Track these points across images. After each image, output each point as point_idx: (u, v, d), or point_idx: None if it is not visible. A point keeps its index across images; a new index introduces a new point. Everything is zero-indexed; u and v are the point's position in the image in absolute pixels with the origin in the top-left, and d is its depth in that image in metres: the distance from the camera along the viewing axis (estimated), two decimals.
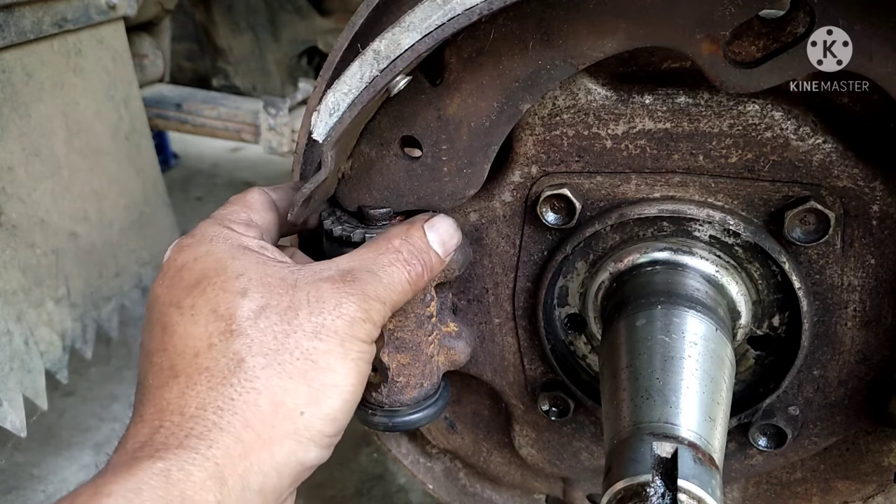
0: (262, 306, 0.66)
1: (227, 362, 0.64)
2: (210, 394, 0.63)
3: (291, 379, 0.64)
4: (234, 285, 0.67)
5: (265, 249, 0.73)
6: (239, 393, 0.63)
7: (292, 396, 0.64)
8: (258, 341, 0.65)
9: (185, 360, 0.65)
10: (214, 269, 0.69)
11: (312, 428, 0.64)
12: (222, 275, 0.68)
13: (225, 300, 0.66)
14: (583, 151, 0.82)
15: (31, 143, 1.76)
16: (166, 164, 4.13)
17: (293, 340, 0.65)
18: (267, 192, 0.82)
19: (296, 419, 0.63)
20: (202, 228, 0.74)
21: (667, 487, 0.62)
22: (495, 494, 1.19)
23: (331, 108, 0.67)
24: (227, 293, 0.67)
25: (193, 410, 0.62)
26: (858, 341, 0.84)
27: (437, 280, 0.88)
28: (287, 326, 0.66)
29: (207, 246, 0.71)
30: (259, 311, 0.66)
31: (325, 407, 0.65)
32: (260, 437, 0.62)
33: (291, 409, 0.63)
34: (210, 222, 0.75)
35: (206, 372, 0.64)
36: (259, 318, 0.66)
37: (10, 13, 1.65)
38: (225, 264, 0.69)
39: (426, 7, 0.63)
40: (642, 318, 0.81)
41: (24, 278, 1.70)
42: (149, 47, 2.71)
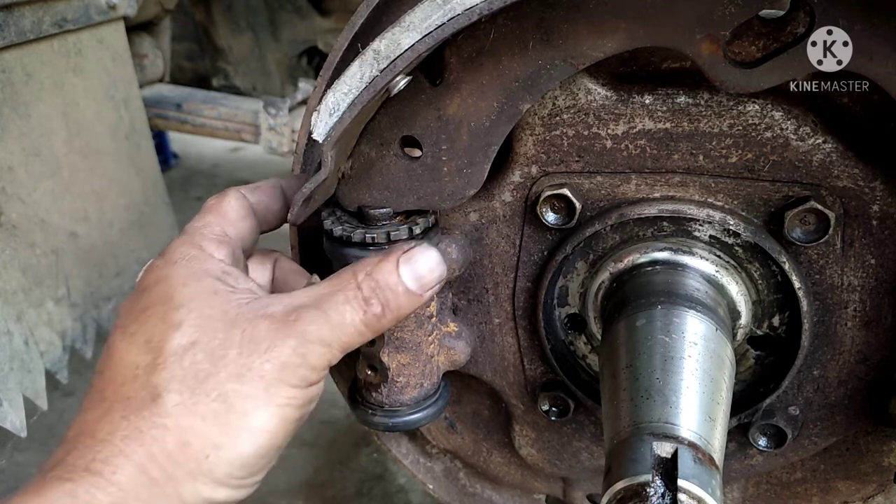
0: (193, 342, 0.66)
1: (145, 395, 0.64)
2: (122, 422, 0.63)
3: (203, 420, 0.63)
4: (172, 317, 0.67)
5: (227, 276, 0.72)
6: (148, 427, 0.63)
7: (199, 438, 0.63)
8: (178, 378, 0.64)
9: (112, 387, 0.66)
10: (162, 297, 0.69)
11: (218, 471, 0.64)
12: (166, 304, 0.68)
13: (160, 331, 0.67)
14: (583, 151, 0.82)
15: (31, 143, 1.76)
16: (166, 164, 4.13)
17: (213, 381, 0.64)
18: (245, 195, 0.80)
19: (200, 460, 0.63)
20: (172, 248, 0.74)
21: (667, 487, 0.62)
22: (495, 494, 1.19)
23: (331, 108, 0.67)
24: (164, 324, 0.67)
25: (104, 435, 0.62)
26: (858, 341, 0.84)
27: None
28: (211, 366, 0.65)
29: (169, 270, 0.71)
30: (189, 346, 0.66)
31: (233, 451, 0.64)
32: (164, 471, 0.62)
33: (197, 450, 0.63)
34: (181, 241, 0.75)
35: (125, 401, 0.64)
36: (186, 353, 0.65)
37: (10, 13, 1.65)
38: (172, 293, 0.69)
39: (426, 7, 0.63)
40: (642, 318, 0.81)
41: (24, 278, 1.70)
42: (149, 47, 2.71)
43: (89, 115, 1.96)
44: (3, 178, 1.67)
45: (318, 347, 0.68)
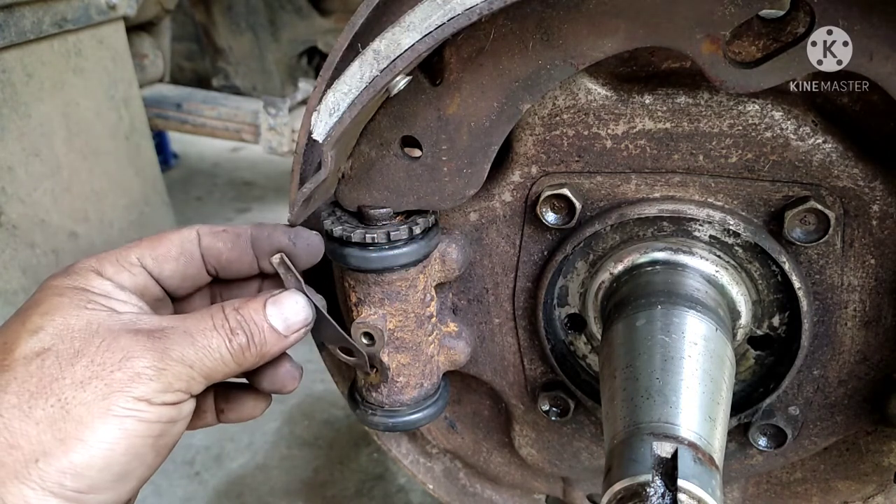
0: (47, 349, 0.65)
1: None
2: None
3: (37, 425, 0.62)
4: (33, 322, 0.67)
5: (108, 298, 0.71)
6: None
7: (30, 442, 0.62)
8: (20, 381, 0.64)
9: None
10: (33, 304, 0.69)
11: (47, 478, 0.62)
12: (32, 310, 0.68)
13: (16, 334, 0.66)
14: (583, 151, 0.82)
15: (31, 143, 1.76)
16: (166, 164, 4.13)
17: (56, 387, 0.64)
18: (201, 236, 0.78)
19: (29, 465, 0.61)
20: (76, 263, 0.75)
21: (667, 487, 0.62)
22: (495, 494, 1.19)
23: (331, 108, 0.67)
24: (22, 328, 0.67)
25: None
26: (858, 341, 0.84)
27: (437, 280, 0.88)
28: (58, 371, 0.64)
29: (58, 280, 0.72)
30: (40, 352, 0.65)
31: (64, 460, 0.62)
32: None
33: (27, 454, 0.62)
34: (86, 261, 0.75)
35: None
36: (35, 359, 0.65)
37: (10, 13, 1.66)
38: (43, 300, 0.69)
39: (426, 7, 0.63)
40: (642, 318, 0.81)
41: (24, 278, 1.70)
42: (149, 47, 2.71)
43: (89, 115, 1.96)
44: (3, 178, 1.67)
45: (179, 366, 0.68)
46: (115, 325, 0.68)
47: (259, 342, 0.72)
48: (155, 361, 0.66)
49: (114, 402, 0.64)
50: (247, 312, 0.72)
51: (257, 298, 0.74)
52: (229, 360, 0.71)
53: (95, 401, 0.64)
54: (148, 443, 0.66)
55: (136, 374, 0.65)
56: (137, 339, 0.66)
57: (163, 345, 0.67)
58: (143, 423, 0.65)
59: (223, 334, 0.70)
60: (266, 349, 0.73)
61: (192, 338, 0.69)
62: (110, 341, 0.66)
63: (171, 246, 0.77)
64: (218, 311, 0.72)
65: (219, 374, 0.71)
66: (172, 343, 0.68)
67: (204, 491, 1.92)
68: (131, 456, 0.65)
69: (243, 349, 0.71)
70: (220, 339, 0.70)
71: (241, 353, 0.71)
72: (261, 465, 2.00)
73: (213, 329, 0.70)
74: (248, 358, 0.72)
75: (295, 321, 0.74)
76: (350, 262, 0.79)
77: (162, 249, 0.77)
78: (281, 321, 0.73)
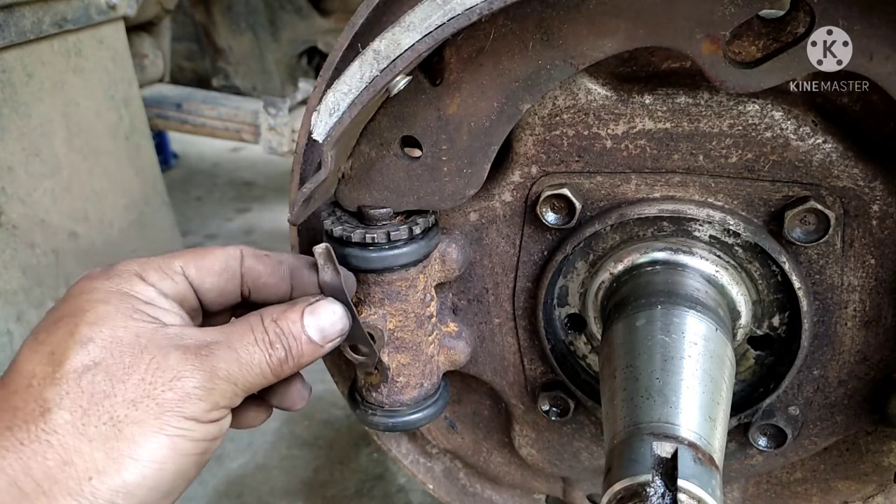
0: (97, 362, 0.65)
1: (35, 408, 0.63)
2: (4, 433, 0.62)
3: (90, 442, 0.62)
4: (82, 333, 0.66)
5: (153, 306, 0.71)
6: (31, 440, 0.61)
7: (84, 460, 0.62)
8: (73, 396, 0.63)
9: (4, 394, 0.64)
10: (79, 310, 0.68)
11: (100, 496, 0.62)
12: (79, 318, 0.67)
13: (65, 345, 0.65)
14: (583, 151, 0.82)
15: (31, 143, 1.76)
16: (166, 164, 4.13)
17: (108, 404, 0.63)
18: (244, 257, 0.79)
19: (82, 483, 0.61)
20: (117, 265, 0.73)
21: (667, 487, 0.62)
22: (495, 494, 1.19)
23: (331, 107, 0.67)
24: (71, 338, 0.66)
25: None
26: (858, 341, 0.84)
27: (437, 280, 0.88)
28: (109, 388, 0.64)
29: (99, 283, 0.70)
30: (91, 366, 0.64)
31: (117, 478, 0.62)
32: (40, 487, 0.61)
33: (80, 472, 0.62)
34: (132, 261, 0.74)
35: (12, 411, 0.63)
36: (86, 373, 0.64)
37: (10, 13, 1.66)
38: (90, 307, 0.68)
39: (426, 7, 0.63)
40: (642, 318, 0.81)
41: (25, 278, 1.70)
42: (149, 47, 2.71)
43: (89, 115, 1.96)
44: (3, 178, 1.67)
45: (226, 385, 0.68)
46: (163, 341, 0.67)
47: (297, 354, 0.72)
48: (204, 381, 0.66)
49: (165, 421, 0.65)
50: (285, 324, 0.72)
51: (295, 308, 0.73)
52: (268, 374, 0.71)
53: (147, 420, 0.64)
54: (193, 460, 0.67)
55: (187, 395, 0.65)
56: (186, 357, 0.67)
57: (211, 363, 0.67)
58: (192, 442, 0.66)
59: (263, 348, 0.70)
60: (303, 360, 0.73)
61: (236, 353, 0.69)
62: (160, 359, 0.66)
63: (216, 261, 0.77)
64: (258, 324, 0.72)
65: (257, 387, 0.72)
66: (218, 360, 0.68)
67: (204, 491, 1.92)
68: (179, 474, 0.66)
69: (282, 362, 0.72)
70: (262, 354, 0.70)
71: (280, 367, 0.72)
72: (261, 465, 2.00)
73: (254, 343, 0.70)
74: (286, 370, 0.73)
75: (331, 332, 0.74)
76: (350, 262, 0.79)
77: (206, 263, 0.77)
78: (318, 331, 0.73)
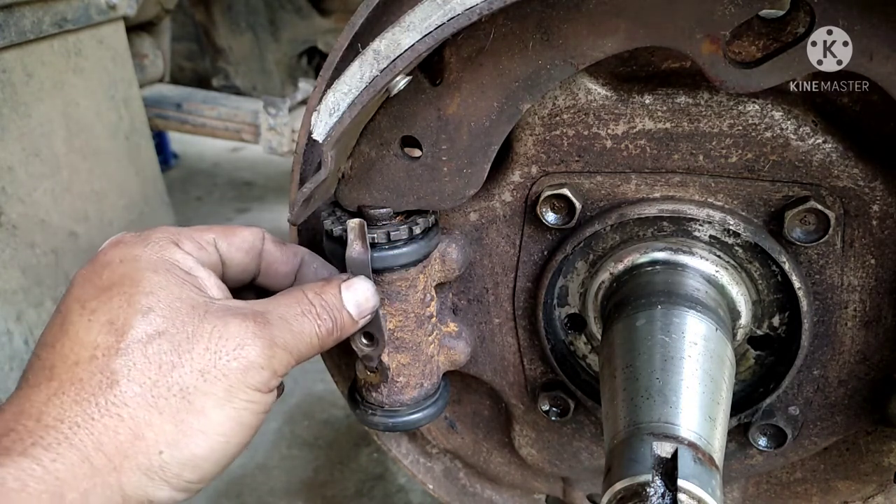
0: (160, 331, 0.64)
1: (102, 379, 0.61)
2: (73, 407, 0.60)
3: (161, 414, 0.62)
4: (140, 301, 0.65)
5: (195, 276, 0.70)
6: (101, 414, 0.60)
7: (155, 432, 0.61)
8: (140, 367, 0.62)
9: (64, 366, 0.63)
10: (130, 279, 0.66)
11: (169, 469, 0.62)
12: (134, 287, 0.65)
13: (124, 314, 0.64)
14: (583, 151, 0.82)
15: (31, 143, 1.76)
16: (166, 164, 4.13)
17: (176, 374, 0.63)
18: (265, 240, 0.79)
19: (152, 455, 0.61)
20: (150, 232, 0.72)
21: (667, 487, 0.62)
22: (495, 494, 1.19)
23: (331, 108, 0.67)
24: (130, 307, 0.64)
25: (50, 420, 0.59)
26: (858, 341, 0.84)
27: (437, 280, 0.88)
28: (176, 358, 0.63)
29: (139, 251, 0.69)
30: (154, 335, 0.64)
31: (186, 451, 0.63)
32: (111, 462, 0.60)
33: (151, 445, 0.61)
34: (164, 229, 0.73)
35: (78, 383, 0.61)
36: (151, 342, 0.63)
37: (10, 13, 1.66)
38: (141, 276, 0.66)
39: (426, 7, 0.63)
40: (642, 318, 0.81)
41: (24, 278, 1.70)
42: (149, 47, 2.71)
43: (89, 115, 1.96)
44: (3, 178, 1.67)
45: (283, 353, 0.68)
46: (219, 310, 0.67)
47: (340, 326, 0.74)
48: (265, 349, 0.66)
49: (234, 393, 0.65)
50: (328, 297, 0.73)
51: (332, 283, 0.75)
52: (316, 344, 0.72)
53: (216, 392, 0.64)
54: (252, 433, 0.68)
55: (250, 364, 0.65)
56: (246, 325, 0.66)
57: (269, 332, 0.67)
58: (255, 414, 0.67)
59: (313, 319, 0.71)
60: (345, 332, 0.75)
61: (289, 323, 0.70)
62: (222, 328, 0.66)
63: (244, 239, 0.78)
64: (302, 297, 0.72)
65: (308, 356, 0.72)
66: (275, 329, 0.68)
67: (203, 491, 1.92)
68: (239, 447, 0.67)
69: (329, 333, 0.73)
70: (312, 324, 0.71)
71: (328, 337, 0.73)
72: (261, 465, 2.00)
73: (304, 314, 0.71)
74: (330, 341, 0.74)
75: (366, 307, 0.76)
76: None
77: (236, 240, 0.77)
78: (355, 306, 0.75)
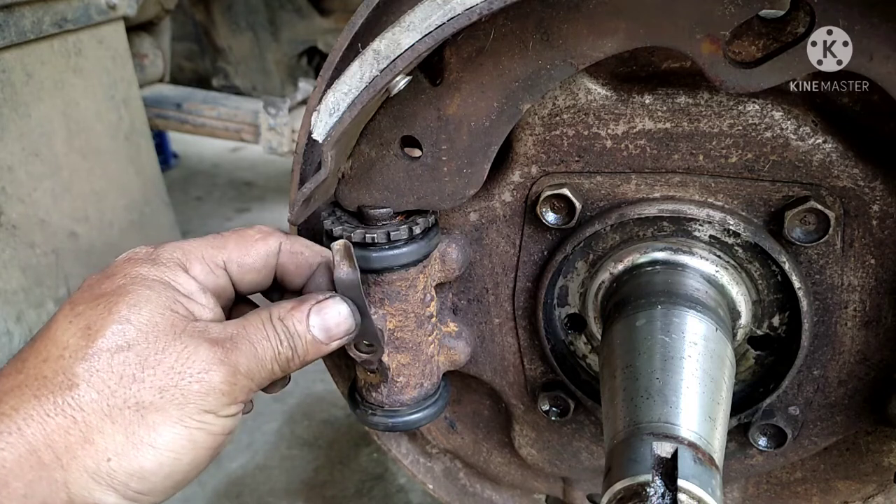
0: (130, 344, 0.65)
1: (63, 380, 0.63)
2: (31, 401, 0.62)
3: (113, 423, 0.63)
4: (121, 312, 0.66)
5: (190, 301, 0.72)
6: (56, 413, 0.62)
7: (105, 440, 0.63)
8: (102, 374, 0.64)
9: (35, 361, 0.65)
10: (122, 291, 0.68)
11: (115, 477, 0.63)
12: (121, 298, 0.68)
13: (102, 321, 0.66)
14: (583, 151, 0.82)
15: (31, 143, 1.76)
16: (166, 164, 4.13)
17: (135, 388, 0.64)
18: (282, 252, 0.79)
19: (100, 461, 0.63)
20: (165, 248, 0.74)
21: (667, 487, 0.62)
22: (495, 494, 1.19)
23: (331, 108, 0.67)
24: (109, 315, 0.66)
25: (7, 409, 0.62)
26: (858, 341, 0.84)
27: (437, 280, 0.88)
28: (139, 372, 0.65)
29: (145, 269, 0.71)
30: (124, 346, 0.65)
31: (134, 462, 0.64)
32: (59, 459, 0.62)
33: (100, 451, 0.63)
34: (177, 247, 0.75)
35: (41, 379, 0.63)
36: (119, 352, 0.65)
37: (10, 13, 1.66)
38: (133, 290, 0.68)
39: (426, 7, 0.63)
40: (642, 318, 0.81)
41: (24, 278, 1.70)
42: (149, 47, 2.71)
43: (89, 115, 1.96)
44: (3, 178, 1.67)
45: (245, 380, 0.70)
46: (194, 332, 0.68)
47: (302, 353, 0.74)
48: (228, 376, 0.68)
49: (188, 413, 0.66)
50: (291, 323, 0.73)
51: (302, 306, 0.75)
52: (277, 370, 0.73)
53: (171, 409, 0.65)
54: (208, 452, 0.69)
55: (212, 388, 0.67)
56: (215, 351, 0.68)
57: (234, 358, 0.69)
58: (210, 436, 0.68)
59: (274, 345, 0.72)
60: (308, 357, 0.75)
61: (254, 349, 0.71)
62: (192, 350, 0.67)
63: (258, 258, 0.78)
64: (267, 320, 0.73)
65: (267, 382, 0.74)
66: (240, 356, 0.69)
67: (203, 491, 1.92)
68: (193, 464, 0.68)
69: (289, 360, 0.73)
70: (272, 351, 0.72)
71: (287, 364, 0.74)
72: (261, 465, 2.00)
73: (266, 339, 0.72)
74: (291, 367, 0.75)
75: (336, 332, 0.76)
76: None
77: (249, 259, 0.78)
78: (323, 331, 0.75)
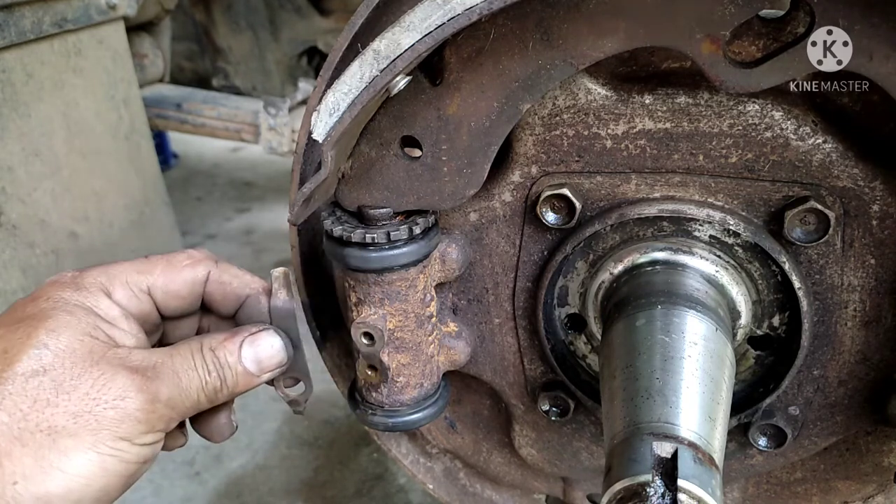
0: (47, 368, 0.66)
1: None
2: None
3: (23, 447, 0.63)
4: (39, 337, 0.67)
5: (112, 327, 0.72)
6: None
7: (13, 463, 0.63)
8: (15, 398, 0.64)
9: None
10: (41, 314, 0.69)
11: (21, 500, 0.63)
12: (41, 323, 0.68)
13: (20, 346, 0.66)
14: (583, 151, 0.82)
15: (31, 143, 1.76)
16: (166, 164, 4.13)
17: (48, 413, 0.64)
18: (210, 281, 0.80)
19: (6, 484, 0.63)
20: (87, 276, 0.75)
21: (667, 487, 0.62)
22: (495, 494, 1.19)
23: (331, 108, 0.67)
24: (28, 340, 0.67)
25: None
26: (858, 341, 0.84)
27: (437, 280, 0.88)
28: (54, 396, 0.65)
29: (68, 294, 0.72)
30: (40, 371, 0.65)
31: (42, 486, 0.63)
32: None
33: (7, 474, 0.63)
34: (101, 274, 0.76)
35: None
36: (34, 377, 0.65)
37: (10, 13, 1.66)
38: (53, 315, 0.69)
39: (426, 7, 0.63)
40: (642, 318, 0.81)
41: (24, 278, 1.70)
42: (149, 47, 2.71)
43: (89, 115, 1.96)
44: (3, 178, 1.67)
45: (164, 409, 0.70)
46: (114, 360, 0.69)
47: (231, 384, 0.75)
48: (145, 404, 0.68)
49: (100, 439, 0.66)
50: (222, 355, 0.74)
51: (235, 338, 0.76)
52: (203, 400, 0.74)
53: (83, 435, 0.65)
54: (121, 480, 0.68)
55: (127, 415, 0.67)
56: (133, 379, 0.68)
57: (154, 387, 0.69)
58: (123, 463, 0.67)
59: (201, 375, 0.73)
60: (238, 389, 0.77)
61: (178, 378, 0.71)
62: (108, 377, 0.67)
63: (184, 285, 0.79)
64: (197, 350, 0.74)
65: (192, 412, 0.74)
66: (161, 384, 0.69)
67: (204, 491, 1.92)
68: (104, 491, 0.67)
69: (216, 391, 0.74)
70: (199, 381, 0.73)
71: (215, 394, 0.74)
72: (261, 465, 2.00)
73: (193, 369, 0.73)
74: (220, 398, 0.76)
75: (268, 364, 0.78)
76: (350, 262, 0.79)
77: (174, 286, 0.79)
78: (254, 363, 0.76)
